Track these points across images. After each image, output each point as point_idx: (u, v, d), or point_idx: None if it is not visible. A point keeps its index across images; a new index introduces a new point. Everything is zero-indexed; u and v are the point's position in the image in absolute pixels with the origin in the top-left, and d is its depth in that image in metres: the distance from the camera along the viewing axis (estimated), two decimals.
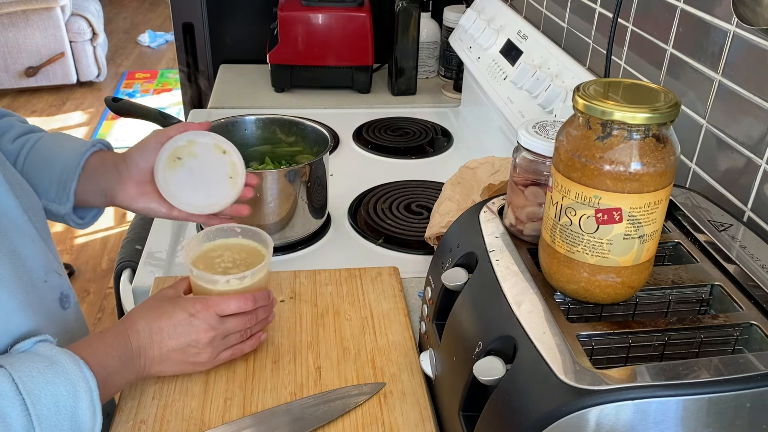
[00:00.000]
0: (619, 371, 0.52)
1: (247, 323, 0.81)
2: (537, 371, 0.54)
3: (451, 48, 1.76)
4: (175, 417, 0.78)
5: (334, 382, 0.83)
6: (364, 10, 1.71)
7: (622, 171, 0.54)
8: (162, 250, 1.10)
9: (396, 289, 1.00)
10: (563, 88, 1.11)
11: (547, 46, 1.23)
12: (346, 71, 1.76)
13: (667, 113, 0.54)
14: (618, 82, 0.60)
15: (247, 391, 0.81)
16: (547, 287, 0.63)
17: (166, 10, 5.36)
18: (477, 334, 0.64)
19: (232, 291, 0.81)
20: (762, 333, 0.58)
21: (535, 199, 0.70)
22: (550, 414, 0.51)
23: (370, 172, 1.39)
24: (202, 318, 0.77)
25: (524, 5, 1.45)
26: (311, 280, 1.01)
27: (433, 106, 1.75)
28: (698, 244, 0.69)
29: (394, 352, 0.88)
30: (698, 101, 0.86)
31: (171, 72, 4.82)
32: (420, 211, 1.24)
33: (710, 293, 0.64)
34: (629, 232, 0.57)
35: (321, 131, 1.16)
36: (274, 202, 1.06)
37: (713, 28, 0.82)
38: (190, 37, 1.91)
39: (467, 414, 0.64)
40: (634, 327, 0.59)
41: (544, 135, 0.68)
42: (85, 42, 4.36)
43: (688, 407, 0.51)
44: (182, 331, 0.76)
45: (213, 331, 0.78)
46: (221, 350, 0.80)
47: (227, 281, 0.81)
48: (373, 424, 0.77)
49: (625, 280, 0.59)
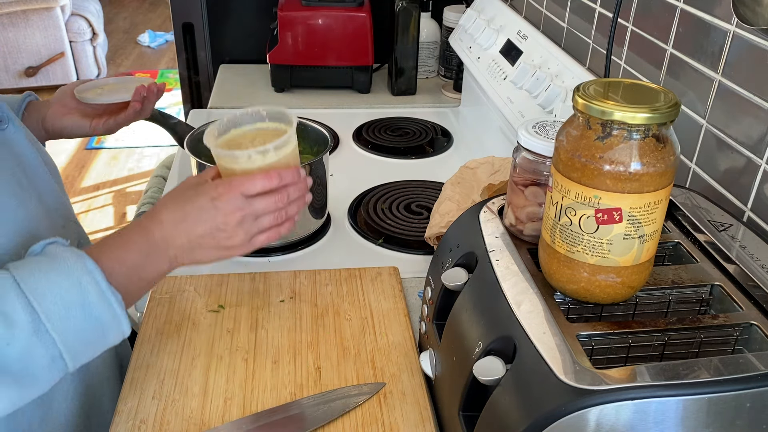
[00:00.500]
0: (619, 371, 0.52)
1: (278, 203, 0.75)
2: (537, 371, 0.54)
3: (451, 48, 1.76)
4: (175, 417, 0.78)
5: (334, 382, 0.83)
6: (364, 10, 1.71)
7: (622, 171, 0.54)
8: None
9: (396, 289, 1.00)
10: (563, 88, 1.11)
11: (547, 46, 1.23)
12: (346, 71, 1.76)
13: (667, 113, 0.54)
14: (618, 82, 0.60)
15: (247, 391, 0.81)
16: (547, 287, 0.63)
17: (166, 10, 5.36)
18: (477, 334, 0.64)
19: (256, 168, 0.76)
20: (762, 333, 0.58)
21: (535, 199, 0.70)
22: (550, 414, 0.51)
23: (370, 172, 1.39)
24: (227, 200, 0.72)
25: (524, 5, 1.45)
26: (311, 280, 1.01)
27: (433, 106, 1.75)
28: (698, 244, 0.69)
29: (394, 352, 0.88)
30: (698, 101, 0.86)
31: (171, 72, 4.82)
32: (420, 211, 1.24)
33: (710, 293, 0.64)
34: (629, 232, 0.57)
35: (321, 131, 1.16)
36: None
37: (713, 28, 0.82)
38: (190, 37, 1.91)
39: (467, 414, 0.64)
40: (634, 327, 0.59)
41: (544, 135, 0.68)
42: (85, 42, 4.36)
43: (688, 407, 0.51)
44: (208, 216, 0.72)
45: (240, 212, 0.73)
46: (254, 233, 0.75)
47: (248, 156, 0.76)
48: (373, 424, 0.77)
49: (625, 280, 0.59)
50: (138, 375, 0.83)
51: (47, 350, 0.62)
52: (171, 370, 0.84)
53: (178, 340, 0.89)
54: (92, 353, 0.67)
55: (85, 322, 0.64)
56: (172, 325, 0.91)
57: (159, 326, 0.91)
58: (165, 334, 0.90)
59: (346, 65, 1.75)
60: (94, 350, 0.67)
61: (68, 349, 0.63)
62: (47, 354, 0.62)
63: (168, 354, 0.87)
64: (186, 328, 0.91)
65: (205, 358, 0.86)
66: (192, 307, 0.95)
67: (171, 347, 0.88)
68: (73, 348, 0.64)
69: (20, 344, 0.60)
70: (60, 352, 0.63)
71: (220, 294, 0.98)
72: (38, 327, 0.61)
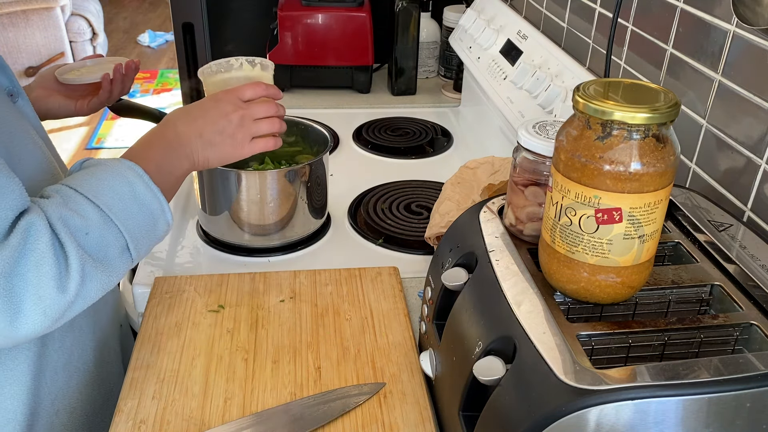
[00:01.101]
0: (619, 371, 0.52)
1: (269, 110, 0.88)
2: (537, 371, 0.54)
3: (451, 48, 1.76)
4: (175, 417, 0.78)
5: (334, 382, 0.83)
6: (364, 10, 1.71)
7: (622, 171, 0.54)
8: (162, 250, 1.10)
9: (396, 289, 1.00)
10: (563, 88, 1.11)
11: (547, 46, 1.23)
12: (346, 71, 1.76)
13: (667, 113, 0.54)
14: (618, 82, 0.60)
15: (247, 391, 0.81)
16: (547, 287, 0.63)
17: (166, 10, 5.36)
18: (477, 334, 0.64)
19: (244, 77, 0.95)
20: (762, 333, 0.58)
21: (535, 199, 0.70)
22: (550, 414, 0.51)
23: (370, 172, 1.39)
24: (227, 101, 0.85)
25: (524, 5, 1.45)
26: (311, 280, 1.01)
27: (433, 106, 1.75)
28: (698, 244, 0.69)
29: (394, 352, 0.88)
30: (698, 101, 0.86)
31: (171, 72, 4.82)
32: (420, 211, 1.24)
33: (710, 293, 0.64)
34: (629, 232, 0.57)
35: (321, 131, 1.16)
36: (274, 202, 1.06)
37: (713, 28, 0.82)
38: (190, 37, 1.91)
39: (467, 414, 0.64)
40: (634, 327, 0.59)
41: (544, 135, 0.68)
42: (85, 42, 4.36)
43: (688, 407, 0.51)
44: (214, 114, 0.84)
45: (241, 110, 0.85)
46: (254, 133, 0.86)
47: (240, 64, 0.97)
48: (373, 424, 0.77)
49: (625, 280, 0.59)
50: (138, 375, 0.83)
51: (116, 239, 0.70)
52: (171, 370, 0.84)
53: (178, 340, 0.89)
54: (148, 245, 0.74)
55: (139, 212, 0.72)
56: (172, 325, 0.91)
57: (159, 326, 0.91)
58: (165, 334, 0.90)
59: (346, 65, 1.75)
60: (149, 241, 0.74)
61: (132, 238, 0.71)
62: (117, 243, 0.70)
63: (168, 354, 0.87)
64: (186, 328, 0.91)
65: (205, 358, 0.86)
66: (192, 307, 0.95)
67: (171, 347, 0.88)
68: (134, 236, 0.71)
69: (96, 233, 0.68)
70: (126, 241, 0.70)
71: (220, 294, 0.98)
72: (105, 218, 0.69)
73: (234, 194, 1.05)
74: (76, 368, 0.84)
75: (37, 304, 0.63)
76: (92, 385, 0.88)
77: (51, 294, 0.63)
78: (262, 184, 1.03)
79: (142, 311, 0.99)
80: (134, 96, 4.43)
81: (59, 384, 0.82)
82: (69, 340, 0.82)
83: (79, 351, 0.85)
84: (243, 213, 1.06)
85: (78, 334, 0.84)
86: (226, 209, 1.07)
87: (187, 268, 1.06)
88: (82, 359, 0.85)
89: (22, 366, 0.76)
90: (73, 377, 0.84)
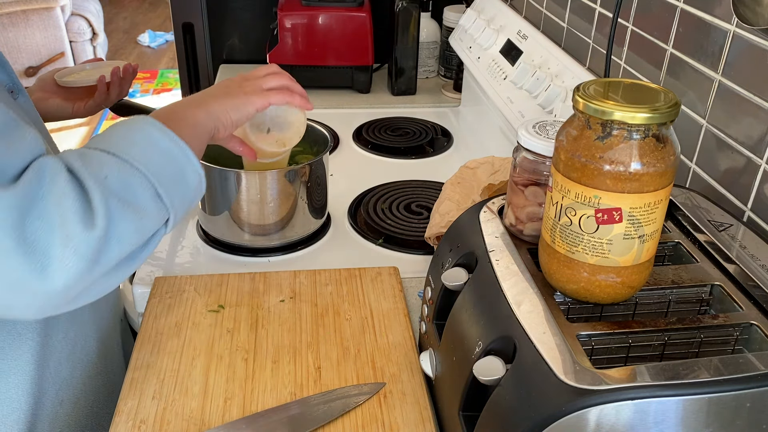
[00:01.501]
0: (619, 371, 0.52)
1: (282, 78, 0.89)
2: (537, 371, 0.54)
3: (451, 48, 1.76)
4: (175, 417, 0.78)
5: (334, 382, 0.83)
6: (364, 10, 1.71)
7: (622, 171, 0.54)
8: (162, 250, 1.10)
9: (396, 289, 1.00)
10: (563, 88, 1.11)
11: (547, 46, 1.23)
12: (346, 71, 1.76)
13: (667, 113, 0.54)
14: (618, 82, 0.60)
15: (247, 391, 0.81)
16: (547, 287, 0.63)
17: (166, 10, 5.36)
18: (477, 334, 0.64)
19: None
20: (762, 333, 0.58)
21: (535, 199, 0.70)
22: (550, 414, 0.51)
23: (370, 172, 1.39)
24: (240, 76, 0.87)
25: (524, 5, 1.45)
26: (311, 280, 1.01)
27: (433, 106, 1.75)
28: (698, 244, 0.69)
29: (394, 352, 0.88)
30: (698, 101, 0.86)
31: (171, 72, 4.82)
32: (420, 211, 1.24)
33: (710, 293, 0.64)
34: (629, 232, 0.57)
35: (321, 131, 1.16)
36: (274, 202, 1.06)
37: (713, 28, 0.82)
38: (190, 37, 1.91)
39: (467, 414, 0.64)
40: (634, 327, 0.59)
41: (544, 135, 0.68)
42: (85, 42, 4.36)
43: (688, 407, 0.51)
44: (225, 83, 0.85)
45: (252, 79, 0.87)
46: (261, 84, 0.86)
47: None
48: (373, 424, 0.77)
49: (625, 280, 0.59)
50: (138, 375, 0.83)
51: (141, 182, 0.65)
52: (171, 370, 0.84)
53: (178, 340, 0.89)
54: (181, 195, 0.69)
55: (160, 157, 0.67)
56: (172, 325, 0.91)
57: (159, 326, 0.91)
58: (165, 334, 0.90)
59: (346, 65, 1.75)
60: (181, 191, 0.69)
61: (159, 182, 0.66)
62: (143, 186, 0.65)
63: (168, 354, 0.87)
64: (186, 328, 0.91)
65: (205, 358, 0.86)
66: (192, 307, 0.95)
67: (171, 347, 0.88)
68: (162, 182, 0.66)
69: (116, 175, 0.63)
70: (153, 185, 0.65)
71: (220, 294, 0.98)
72: (122, 162, 0.64)
73: (234, 194, 1.05)
74: (80, 359, 0.85)
75: (65, 244, 0.57)
76: (96, 376, 0.88)
77: (78, 230, 0.58)
78: (262, 184, 1.03)
79: (142, 311, 0.99)
80: (134, 96, 4.43)
81: (63, 374, 0.82)
82: (72, 331, 0.83)
83: (83, 342, 0.85)
84: (243, 213, 1.06)
85: (81, 325, 0.85)
86: (226, 209, 1.07)
87: (187, 268, 1.06)
88: (85, 350, 0.86)
89: (26, 356, 0.76)
90: (77, 368, 0.84)
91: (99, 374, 0.89)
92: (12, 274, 0.56)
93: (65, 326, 0.81)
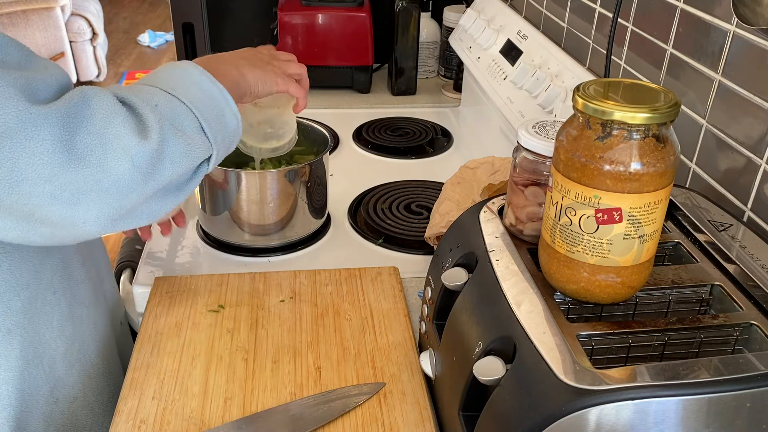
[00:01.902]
0: (619, 371, 0.52)
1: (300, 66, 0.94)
2: (537, 371, 0.54)
3: (451, 48, 1.76)
4: (175, 417, 0.78)
5: (334, 382, 0.83)
6: (364, 10, 1.71)
7: (622, 171, 0.54)
8: (162, 250, 1.10)
9: (396, 289, 1.00)
10: (563, 88, 1.11)
11: (547, 46, 1.23)
12: (346, 71, 1.76)
13: (667, 113, 0.54)
14: (618, 82, 0.60)
15: (247, 391, 0.81)
16: (547, 287, 0.63)
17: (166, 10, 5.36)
18: (477, 334, 0.64)
19: None
20: (762, 333, 0.58)
21: (535, 199, 0.70)
22: (550, 414, 0.51)
23: (370, 172, 1.39)
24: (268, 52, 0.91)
25: (524, 5, 1.45)
26: (311, 280, 1.01)
27: (433, 106, 1.75)
28: (698, 244, 0.69)
29: (394, 352, 0.88)
30: (698, 101, 0.86)
31: None
32: (420, 211, 1.24)
33: (710, 293, 0.64)
34: (629, 232, 0.57)
35: (321, 131, 1.16)
36: (274, 202, 1.06)
37: (713, 28, 0.82)
38: (190, 37, 1.91)
39: (467, 414, 0.64)
40: (634, 327, 0.59)
41: (544, 135, 0.68)
42: (85, 42, 4.36)
43: (688, 407, 0.51)
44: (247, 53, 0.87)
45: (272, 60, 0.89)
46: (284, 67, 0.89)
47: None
48: (373, 424, 0.77)
49: (625, 280, 0.59)
50: (138, 375, 0.83)
51: (187, 114, 0.67)
52: (171, 370, 0.84)
53: (178, 340, 0.89)
54: (222, 134, 0.71)
55: (202, 95, 0.70)
56: (172, 325, 0.91)
57: (159, 326, 0.91)
58: (165, 334, 0.90)
59: (346, 65, 1.75)
60: (222, 130, 0.71)
61: (203, 117, 0.68)
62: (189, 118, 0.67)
63: (168, 354, 0.87)
64: (186, 328, 0.91)
65: (205, 358, 0.86)
66: (192, 307, 0.95)
67: (171, 347, 0.88)
68: (205, 117, 0.69)
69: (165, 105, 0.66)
70: (198, 119, 0.68)
71: (220, 294, 0.98)
72: (169, 96, 0.67)
73: (234, 194, 1.05)
74: (77, 359, 0.84)
75: (121, 156, 0.60)
76: (96, 377, 0.88)
77: (134, 143, 0.60)
78: (262, 184, 1.03)
79: (142, 311, 0.99)
80: None
81: (58, 373, 0.81)
82: (68, 329, 0.82)
83: (80, 341, 0.85)
84: (243, 213, 1.06)
85: (78, 324, 0.84)
86: (226, 209, 1.07)
87: (187, 268, 1.06)
88: (83, 350, 0.85)
89: (15, 352, 0.75)
90: (74, 367, 0.84)
91: (98, 374, 0.89)
92: (71, 185, 0.59)
93: (60, 323, 0.81)
